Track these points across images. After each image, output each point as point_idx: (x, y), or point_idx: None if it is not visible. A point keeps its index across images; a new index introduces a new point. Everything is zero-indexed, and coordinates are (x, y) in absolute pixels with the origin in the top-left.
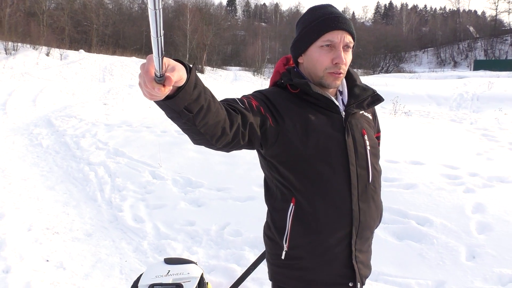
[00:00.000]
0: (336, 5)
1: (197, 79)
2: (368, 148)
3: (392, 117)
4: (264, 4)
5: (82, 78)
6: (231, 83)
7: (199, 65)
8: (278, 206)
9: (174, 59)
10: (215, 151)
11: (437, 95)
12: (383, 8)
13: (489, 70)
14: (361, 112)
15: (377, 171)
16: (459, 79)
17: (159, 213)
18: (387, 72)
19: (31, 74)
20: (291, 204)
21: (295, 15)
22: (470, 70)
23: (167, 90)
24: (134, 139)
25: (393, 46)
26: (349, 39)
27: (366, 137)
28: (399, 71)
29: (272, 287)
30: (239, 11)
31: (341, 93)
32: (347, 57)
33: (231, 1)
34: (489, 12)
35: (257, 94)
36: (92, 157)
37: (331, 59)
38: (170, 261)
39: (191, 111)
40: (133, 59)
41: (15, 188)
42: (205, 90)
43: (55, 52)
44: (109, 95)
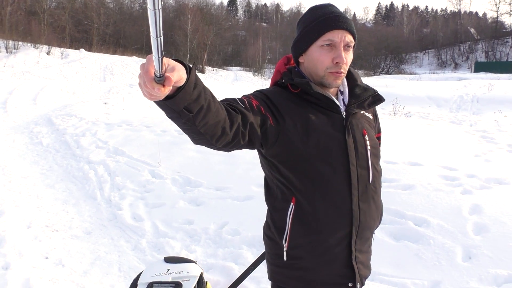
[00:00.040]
0: (337, 6)
1: (197, 79)
2: (368, 148)
3: (391, 118)
4: (265, 4)
5: (82, 77)
6: (232, 83)
7: (200, 65)
8: (278, 205)
9: (174, 59)
10: (215, 151)
11: (437, 97)
12: (384, 9)
13: (489, 72)
14: (362, 112)
15: (377, 171)
16: (460, 81)
17: (158, 211)
18: (387, 73)
19: (32, 73)
20: (291, 203)
21: (296, 16)
22: (470, 72)
23: (167, 90)
24: (134, 138)
25: (394, 47)
26: (349, 38)
27: (366, 137)
28: (400, 73)
29: (271, 287)
30: (240, 11)
31: (342, 93)
32: (348, 57)
33: (232, 1)
34: (490, 13)
35: (258, 93)
36: (92, 155)
37: (331, 59)
38: (170, 260)
39: (191, 111)
40: (134, 58)
41: (15, 186)
42: (205, 90)
43: (56, 51)
44: (109, 94)
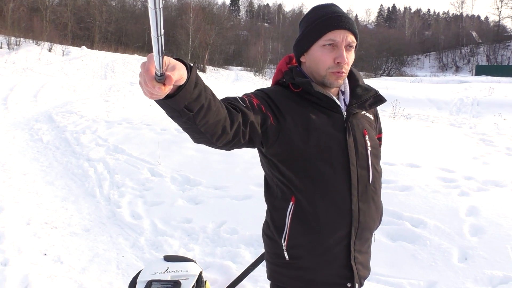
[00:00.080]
0: (339, 6)
1: (198, 78)
2: (369, 148)
3: (391, 120)
4: (267, 4)
5: (83, 74)
6: (233, 83)
7: (201, 64)
8: (277, 204)
9: (174, 58)
10: (214, 150)
11: (437, 99)
12: (386, 11)
13: (490, 75)
14: (362, 112)
15: (377, 172)
16: (460, 83)
17: (157, 210)
18: (388, 75)
19: (33, 69)
20: (291, 203)
21: (298, 16)
22: (472, 75)
23: (168, 89)
24: (134, 136)
25: (395, 49)
26: (351, 38)
27: (367, 138)
28: (401, 75)
29: (270, 286)
30: (242, 11)
31: (343, 93)
32: (350, 57)
33: (234, 1)
34: (492, 17)
35: (259, 92)
36: (91, 153)
37: (333, 59)
38: (169, 259)
39: (192, 110)
40: (135, 56)
41: (14, 182)
42: (206, 89)
43: (58, 48)
44: (110, 92)
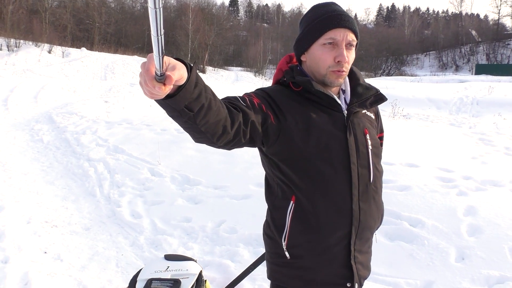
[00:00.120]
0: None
1: (198, 77)
2: (369, 147)
3: (390, 120)
4: (266, 5)
5: (83, 75)
6: (232, 84)
7: (201, 65)
8: (278, 204)
9: (174, 58)
10: (214, 150)
11: (437, 99)
12: (385, 10)
13: (490, 74)
14: (363, 111)
15: (378, 171)
16: (460, 83)
17: (157, 209)
18: (388, 75)
19: (33, 71)
20: (291, 202)
21: (297, 16)
22: (471, 74)
23: (168, 89)
24: (134, 137)
25: (395, 49)
26: (352, 37)
27: (368, 137)
28: (401, 74)
29: (270, 286)
30: (241, 12)
31: (344, 91)
32: (350, 56)
33: (234, 2)
34: (492, 16)
35: (259, 92)
36: (92, 153)
37: (333, 57)
38: (170, 258)
39: (192, 110)
40: (135, 57)
41: (15, 182)
42: (206, 88)
43: (57, 49)
44: (110, 93)
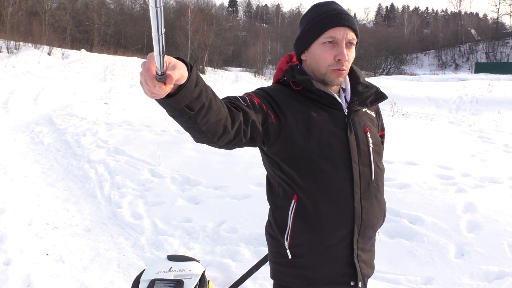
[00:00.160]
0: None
1: (198, 77)
2: (370, 145)
3: (389, 119)
4: (265, 5)
5: (83, 77)
6: (232, 84)
7: (200, 66)
8: (279, 203)
9: (175, 57)
10: (214, 150)
11: (436, 98)
12: (384, 10)
13: (490, 73)
14: (364, 109)
15: (380, 169)
16: (460, 81)
17: (157, 210)
18: (388, 74)
19: (33, 73)
20: (293, 201)
21: (297, 16)
22: (471, 72)
23: (168, 88)
24: (134, 138)
25: (394, 48)
26: (352, 36)
27: (368, 135)
28: (400, 73)
29: (273, 285)
30: (241, 12)
31: (344, 90)
32: (350, 54)
33: (233, 2)
34: (491, 14)
35: (259, 91)
36: (92, 155)
37: (333, 56)
38: (173, 258)
39: (192, 109)
40: (135, 59)
41: (16, 184)
42: (206, 88)
43: (57, 51)
44: (110, 95)
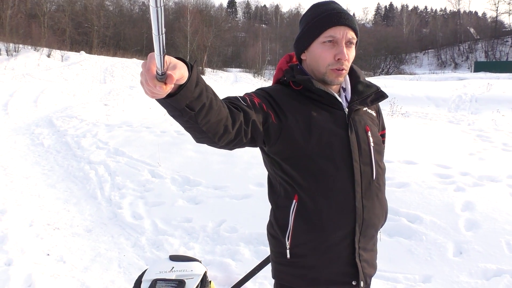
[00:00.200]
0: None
1: (199, 77)
2: (371, 144)
3: (389, 118)
4: (264, 6)
5: (83, 79)
6: (232, 85)
7: (200, 67)
8: (281, 203)
9: (175, 57)
10: (213, 151)
11: (436, 97)
12: (383, 9)
13: (489, 71)
14: (364, 109)
15: (381, 168)
16: (459, 80)
17: (158, 210)
18: (387, 73)
19: (32, 75)
20: (294, 201)
21: (296, 17)
22: (470, 71)
23: (169, 88)
24: (134, 139)
25: (393, 47)
26: (351, 35)
27: (369, 134)
28: (400, 73)
29: (274, 285)
30: (240, 13)
31: (344, 89)
32: (350, 53)
33: (232, 3)
34: (490, 13)
35: (259, 91)
36: (92, 156)
37: (333, 55)
38: (174, 258)
39: (193, 109)
40: (134, 60)
41: (17, 185)
42: (207, 88)
43: (56, 53)
44: (110, 96)
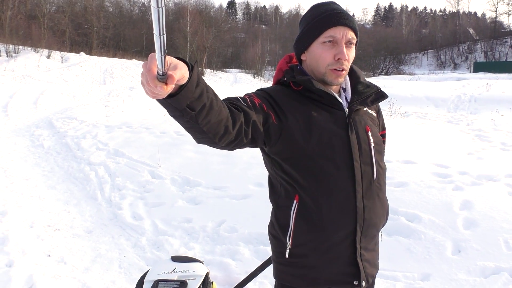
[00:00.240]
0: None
1: (199, 77)
2: (372, 144)
3: (388, 118)
4: (264, 6)
5: (83, 80)
6: (231, 85)
7: (199, 68)
8: (281, 203)
9: (176, 58)
10: (213, 151)
11: (435, 97)
12: (383, 10)
13: (489, 72)
14: (364, 109)
15: (381, 168)
16: (458, 81)
17: (158, 211)
18: (387, 74)
19: (32, 76)
20: (295, 201)
21: (295, 17)
22: (470, 72)
23: (170, 88)
24: (133, 140)
25: (393, 48)
26: (351, 35)
27: (370, 134)
28: (399, 73)
29: (276, 285)
30: (239, 14)
31: (345, 90)
32: (350, 54)
33: (231, 4)
34: (489, 14)
35: (260, 92)
36: (92, 157)
37: (333, 55)
38: (177, 259)
39: (194, 109)
40: (134, 61)
41: (17, 187)
42: (208, 88)
43: (56, 54)
44: (109, 97)
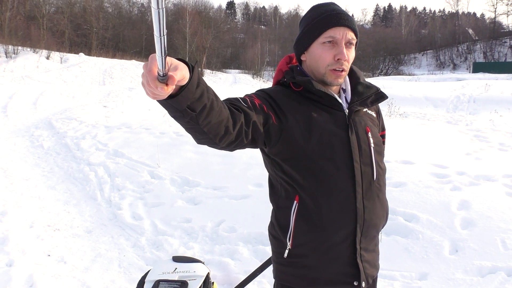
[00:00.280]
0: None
1: (200, 78)
2: (372, 145)
3: (387, 119)
4: (263, 7)
5: (82, 81)
6: (231, 86)
7: (199, 68)
8: (282, 204)
9: (176, 58)
10: (212, 151)
11: (434, 98)
12: (382, 10)
13: (488, 72)
14: (364, 109)
15: (381, 169)
16: (458, 81)
17: (157, 211)
18: (386, 74)
19: (32, 77)
20: (295, 201)
21: (295, 18)
22: (469, 72)
23: (170, 89)
24: (133, 140)
25: (392, 48)
26: (351, 35)
27: (369, 135)
28: (399, 74)
29: (275, 285)
30: (239, 14)
31: (345, 90)
32: (350, 54)
33: (231, 4)
34: (488, 14)
35: (260, 92)
36: (92, 158)
37: (333, 56)
38: (178, 259)
39: (194, 110)
40: (133, 62)
41: (17, 187)
42: (208, 89)
43: (55, 55)
44: (109, 98)
